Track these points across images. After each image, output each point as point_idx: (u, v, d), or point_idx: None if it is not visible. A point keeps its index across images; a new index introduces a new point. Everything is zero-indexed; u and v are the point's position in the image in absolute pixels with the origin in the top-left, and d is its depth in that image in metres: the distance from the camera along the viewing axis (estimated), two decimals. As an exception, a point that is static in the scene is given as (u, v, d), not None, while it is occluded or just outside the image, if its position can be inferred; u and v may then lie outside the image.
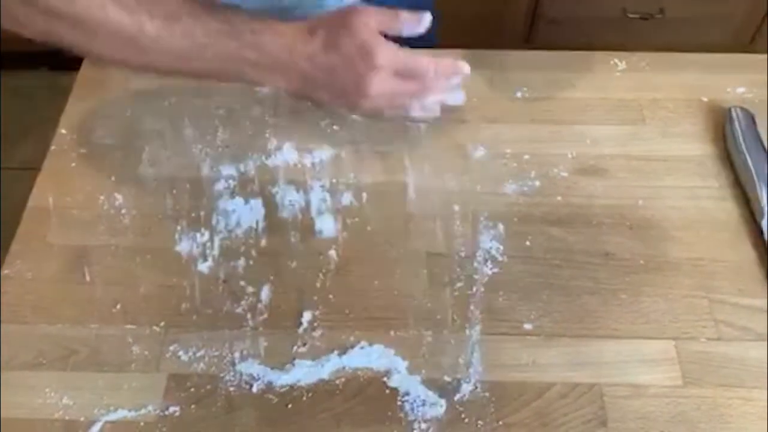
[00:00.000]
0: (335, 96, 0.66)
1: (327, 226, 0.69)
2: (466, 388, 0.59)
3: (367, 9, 0.64)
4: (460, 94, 0.70)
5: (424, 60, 0.64)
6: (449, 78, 0.67)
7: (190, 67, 0.64)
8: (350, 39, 0.62)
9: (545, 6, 1.70)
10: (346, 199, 0.70)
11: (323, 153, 0.74)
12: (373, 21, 0.63)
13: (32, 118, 1.62)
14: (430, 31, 1.02)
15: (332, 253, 0.67)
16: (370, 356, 0.61)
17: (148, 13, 0.60)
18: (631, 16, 1.69)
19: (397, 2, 0.91)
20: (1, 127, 1.82)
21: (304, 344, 0.61)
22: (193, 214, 0.69)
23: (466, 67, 0.66)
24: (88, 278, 0.65)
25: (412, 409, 0.58)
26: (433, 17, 1.01)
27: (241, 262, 0.66)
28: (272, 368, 0.60)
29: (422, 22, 0.65)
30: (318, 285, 0.65)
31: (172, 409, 0.58)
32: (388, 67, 0.62)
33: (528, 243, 0.68)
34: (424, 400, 0.59)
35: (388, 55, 0.62)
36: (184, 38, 0.61)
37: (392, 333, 0.62)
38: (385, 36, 0.64)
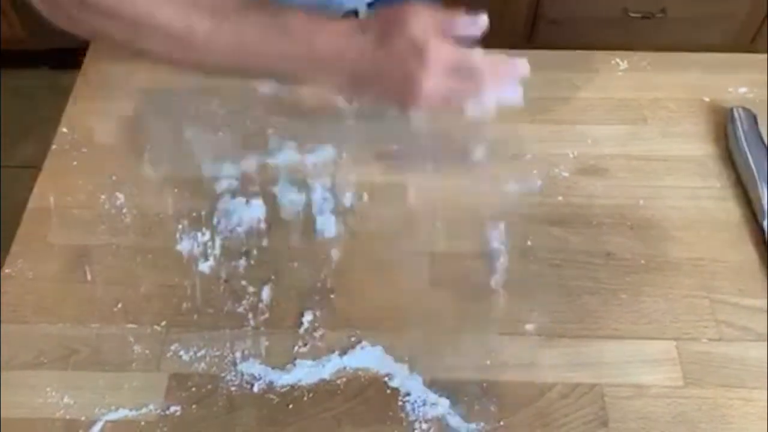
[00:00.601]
0: (386, 94, 0.64)
1: (328, 226, 0.69)
2: (467, 388, 0.59)
3: (423, 7, 0.62)
4: (518, 94, 0.66)
5: (480, 58, 0.62)
6: (507, 77, 0.65)
7: (240, 66, 0.62)
8: (402, 36, 0.60)
9: (546, 6, 1.70)
10: (347, 199, 0.70)
11: (324, 153, 0.74)
12: (428, 19, 0.61)
13: (33, 117, 1.62)
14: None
15: (333, 253, 0.67)
16: (371, 356, 0.61)
17: (199, 11, 0.59)
18: (632, 15, 1.68)
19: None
20: (1, 126, 1.82)
21: (305, 344, 0.61)
22: (194, 214, 0.69)
23: (525, 67, 0.64)
24: (89, 277, 0.65)
25: (413, 410, 0.58)
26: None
27: (242, 261, 0.66)
28: (273, 368, 0.60)
29: (478, 23, 0.62)
30: (319, 285, 0.65)
31: (173, 408, 0.58)
32: (441, 65, 0.60)
33: (529, 243, 0.68)
34: (424, 401, 0.59)
35: (442, 52, 0.60)
36: (234, 36, 0.60)
37: (393, 333, 0.62)
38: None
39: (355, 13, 0.87)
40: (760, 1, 1.67)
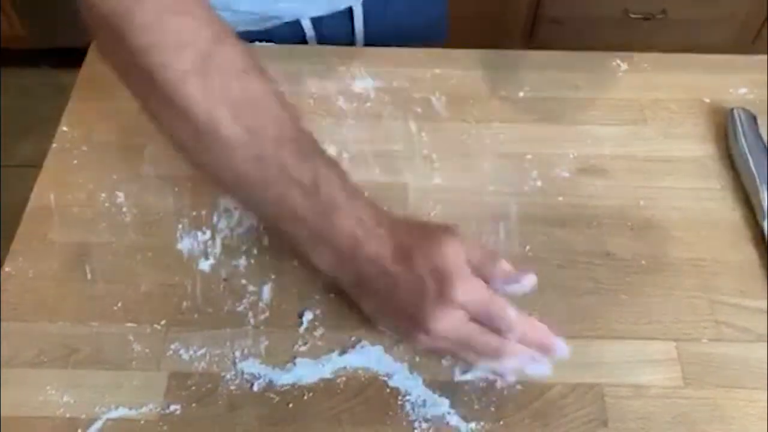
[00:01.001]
0: (390, 315, 0.56)
1: (328, 225, 0.68)
2: (466, 388, 0.59)
3: (463, 236, 0.54)
4: (545, 367, 0.56)
5: (512, 313, 0.53)
6: (537, 347, 0.55)
7: (245, 198, 0.57)
8: (429, 257, 0.52)
9: (547, 6, 1.70)
10: (348, 198, 0.70)
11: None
12: (465, 249, 0.53)
13: (33, 115, 1.62)
14: (442, 26, 1.03)
15: (333, 252, 0.67)
16: (371, 356, 0.61)
17: (246, 125, 0.52)
18: (633, 16, 1.69)
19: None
20: (1, 124, 1.82)
21: (306, 343, 0.61)
22: (194, 213, 0.69)
23: (564, 351, 0.55)
24: (89, 276, 0.65)
25: (413, 409, 0.58)
26: (445, 12, 1.01)
27: (243, 260, 0.66)
28: (273, 367, 0.60)
29: (524, 281, 0.55)
30: (319, 284, 0.65)
31: (173, 407, 0.58)
32: (465, 304, 0.51)
33: (529, 243, 0.68)
34: (424, 400, 0.59)
35: (470, 290, 0.51)
36: (256, 169, 0.53)
37: (393, 333, 0.62)
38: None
39: (299, 24, 0.86)
40: (761, 3, 1.67)
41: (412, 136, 0.76)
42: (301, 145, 0.55)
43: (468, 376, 0.60)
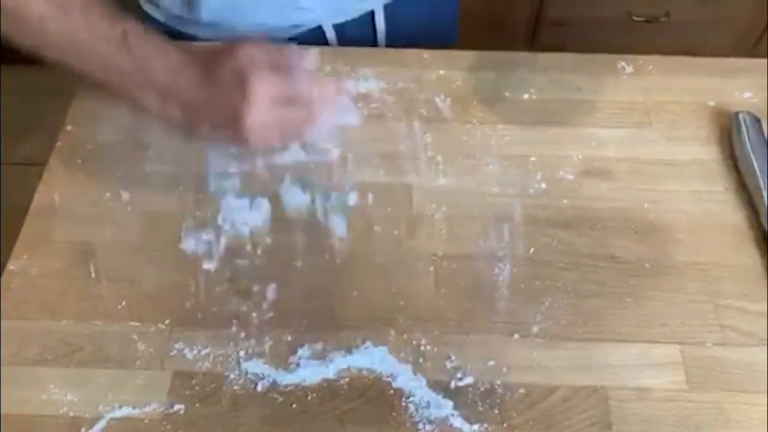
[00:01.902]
0: (217, 128, 0.63)
1: (333, 225, 0.69)
2: (470, 390, 0.59)
3: (254, 40, 0.63)
4: (353, 114, 0.68)
5: (304, 85, 0.62)
6: (335, 99, 0.65)
7: (77, 65, 0.63)
8: (227, 68, 0.60)
9: (549, 8, 1.70)
10: (352, 199, 0.70)
11: (330, 152, 0.74)
12: (255, 52, 0.61)
13: (35, 113, 1.62)
14: (454, 30, 1.03)
15: (338, 252, 0.67)
16: (374, 357, 0.61)
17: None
18: (635, 19, 1.68)
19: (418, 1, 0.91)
20: (2, 123, 1.82)
21: (309, 344, 0.61)
22: (198, 212, 0.69)
23: (350, 86, 0.67)
24: (93, 275, 0.65)
25: (417, 410, 0.58)
26: (454, 14, 1.01)
27: (247, 261, 0.66)
28: (277, 367, 0.60)
29: (308, 56, 0.64)
30: (323, 285, 0.65)
31: (176, 406, 0.58)
32: (264, 96, 0.60)
33: (533, 245, 0.68)
34: (428, 402, 0.59)
35: (264, 84, 0.60)
36: (69, 27, 0.60)
37: (397, 334, 0.62)
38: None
39: (320, 30, 0.87)
40: (763, 6, 1.67)
41: (417, 137, 0.75)
42: (108, 10, 0.62)
43: (470, 379, 0.60)
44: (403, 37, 0.88)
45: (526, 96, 0.80)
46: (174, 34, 0.87)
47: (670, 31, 1.70)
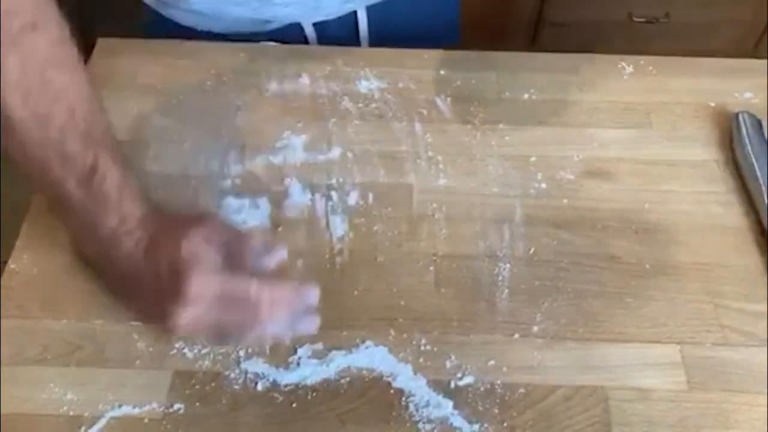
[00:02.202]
0: (145, 310, 0.57)
1: (333, 225, 0.69)
2: (470, 389, 0.59)
3: (215, 221, 0.57)
4: (311, 322, 0.57)
5: (253, 287, 0.54)
6: (290, 304, 0.56)
7: (31, 177, 0.57)
8: (168, 253, 0.53)
9: (550, 9, 1.70)
10: (353, 199, 0.70)
11: (331, 152, 0.74)
12: (212, 235, 0.55)
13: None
14: (455, 30, 1.03)
15: (338, 252, 0.67)
16: (375, 356, 0.61)
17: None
18: (636, 20, 1.69)
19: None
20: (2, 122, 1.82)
21: (310, 343, 0.61)
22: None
23: (315, 296, 0.57)
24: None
25: (417, 410, 0.58)
26: (458, 16, 1.01)
27: (247, 260, 0.66)
28: (277, 367, 0.60)
29: (273, 255, 0.59)
30: (324, 284, 0.65)
31: (176, 406, 0.58)
32: (199, 296, 0.52)
33: (534, 246, 0.68)
34: (428, 401, 0.59)
35: (202, 284, 0.52)
36: (39, 153, 0.55)
37: (397, 333, 0.62)
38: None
39: (299, 26, 0.86)
40: (763, 7, 1.68)
41: (417, 138, 0.76)
42: (88, 136, 0.56)
43: (470, 379, 0.60)
44: (392, 37, 0.88)
45: (526, 96, 0.80)
46: (162, 19, 0.88)
47: (670, 31, 1.70)
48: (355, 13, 0.88)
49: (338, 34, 0.89)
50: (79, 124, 0.56)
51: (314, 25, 0.88)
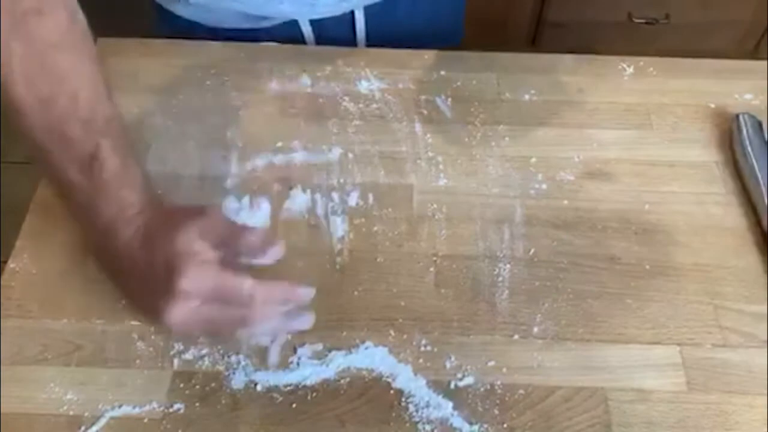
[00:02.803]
0: (141, 302, 0.58)
1: (333, 226, 0.69)
2: (470, 390, 0.59)
3: (215, 214, 0.57)
4: (305, 319, 0.59)
5: (247, 285, 0.54)
6: (284, 305, 0.57)
7: (36, 161, 0.58)
8: (163, 246, 0.54)
9: (550, 10, 1.70)
10: (353, 199, 0.70)
11: (331, 153, 0.74)
12: (207, 229, 0.55)
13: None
14: (458, 31, 1.03)
15: (338, 253, 0.67)
16: (375, 357, 0.61)
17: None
18: (636, 21, 1.69)
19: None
20: (2, 121, 1.82)
21: (310, 344, 0.61)
22: (199, 212, 0.69)
23: (308, 295, 0.57)
24: (93, 274, 0.65)
25: (417, 410, 0.58)
26: (462, 16, 1.01)
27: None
28: (277, 367, 0.60)
29: (268, 252, 0.58)
30: (324, 285, 0.65)
31: (176, 406, 0.58)
32: (192, 292, 0.53)
33: (534, 246, 0.68)
34: (428, 402, 0.59)
35: (197, 278, 0.52)
36: (42, 137, 0.56)
37: (397, 334, 0.62)
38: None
39: (296, 24, 0.86)
40: (763, 8, 1.68)
41: (418, 138, 0.76)
42: (90, 122, 0.56)
43: (470, 380, 0.60)
44: (391, 36, 0.88)
45: (526, 97, 0.80)
46: (166, 15, 0.88)
47: (670, 32, 1.70)
48: (352, 13, 0.88)
49: (335, 33, 0.89)
50: (82, 109, 0.56)
51: (311, 23, 0.88)
